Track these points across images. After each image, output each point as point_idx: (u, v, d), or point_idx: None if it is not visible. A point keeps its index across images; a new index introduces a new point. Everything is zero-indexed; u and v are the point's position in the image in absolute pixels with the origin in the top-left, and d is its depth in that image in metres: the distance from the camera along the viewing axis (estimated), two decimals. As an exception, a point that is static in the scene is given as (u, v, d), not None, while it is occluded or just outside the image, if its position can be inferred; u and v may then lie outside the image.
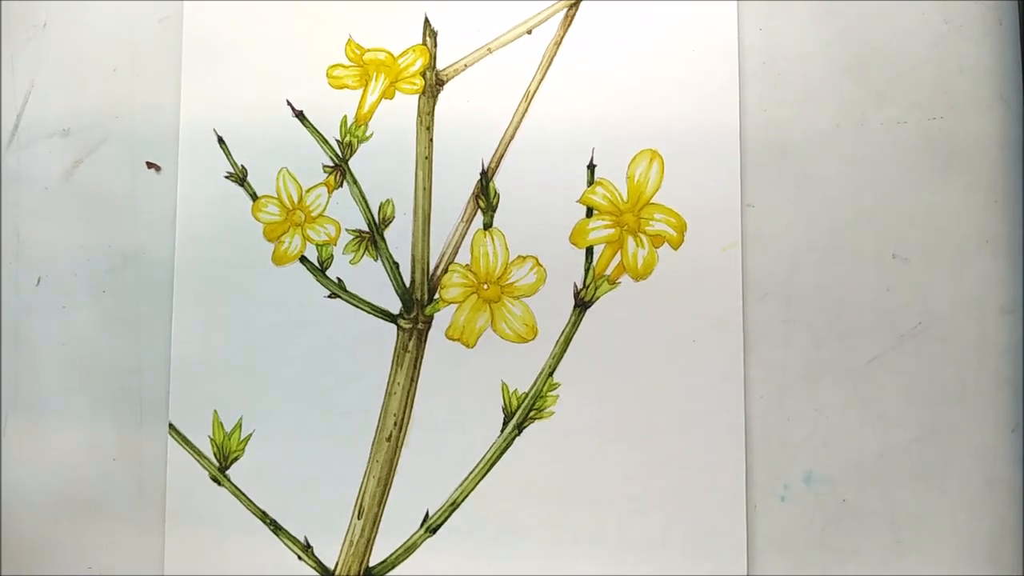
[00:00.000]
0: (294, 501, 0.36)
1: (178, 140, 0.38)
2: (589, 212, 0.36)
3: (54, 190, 0.39)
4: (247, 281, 0.37)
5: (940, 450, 0.34)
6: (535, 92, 0.36)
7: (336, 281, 0.37)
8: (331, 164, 0.37)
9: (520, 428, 0.35)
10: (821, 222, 0.35)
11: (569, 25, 0.36)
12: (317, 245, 0.37)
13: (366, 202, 0.37)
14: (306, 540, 0.36)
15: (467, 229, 0.36)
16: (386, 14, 0.37)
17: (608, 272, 0.35)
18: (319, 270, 0.37)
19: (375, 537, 0.36)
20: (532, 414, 0.35)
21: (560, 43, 0.36)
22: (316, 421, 0.36)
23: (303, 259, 0.37)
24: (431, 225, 0.36)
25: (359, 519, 0.36)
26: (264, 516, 0.36)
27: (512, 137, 0.36)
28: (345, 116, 0.37)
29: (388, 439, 0.36)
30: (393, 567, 0.36)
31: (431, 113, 0.37)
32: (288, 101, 0.37)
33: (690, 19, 0.35)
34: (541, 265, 0.36)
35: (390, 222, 0.37)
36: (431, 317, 0.36)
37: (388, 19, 0.37)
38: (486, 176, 0.36)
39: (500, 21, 0.36)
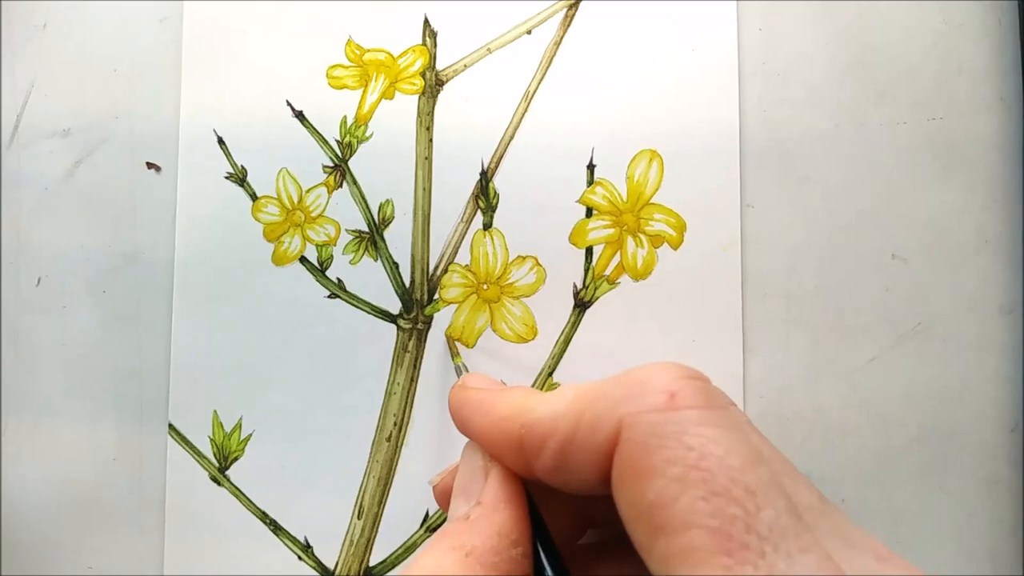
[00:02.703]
0: (294, 501, 0.36)
1: (178, 140, 0.38)
2: (589, 212, 0.36)
3: (54, 190, 0.39)
4: (247, 281, 0.37)
5: (940, 450, 0.34)
6: (535, 92, 0.36)
7: (336, 281, 0.37)
8: (331, 164, 0.37)
9: (520, 428, 0.35)
10: (821, 222, 0.35)
11: (569, 25, 0.36)
12: (317, 245, 0.37)
13: (366, 202, 0.37)
14: (306, 540, 0.36)
15: (467, 229, 0.36)
16: (386, 14, 0.37)
17: (608, 272, 0.35)
18: (319, 270, 0.37)
19: (375, 537, 0.36)
20: (532, 414, 0.35)
21: (560, 43, 0.36)
22: (316, 421, 0.36)
23: (303, 259, 0.37)
24: (431, 225, 0.36)
25: (359, 519, 0.36)
26: (264, 516, 0.36)
27: (512, 137, 0.36)
28: (345, 116, 0.37)
29: (388, 439, 0.36)
30: (393, 567, 0.36)
31: (431, 113, 0.37)
32: (288, 101, 0.37)
33: (689, 19, 0.35)
34: (541, 265, 0.36)
35: (390, 222, 0.37)
36: (431, 317, 0.36)
37: (388, 19, 0.37)
38: (486, 176, 0.36)
39: (500, 21, 0.36)
